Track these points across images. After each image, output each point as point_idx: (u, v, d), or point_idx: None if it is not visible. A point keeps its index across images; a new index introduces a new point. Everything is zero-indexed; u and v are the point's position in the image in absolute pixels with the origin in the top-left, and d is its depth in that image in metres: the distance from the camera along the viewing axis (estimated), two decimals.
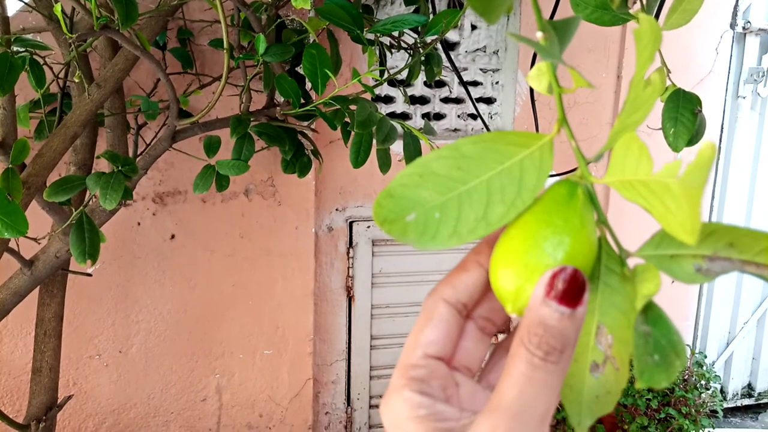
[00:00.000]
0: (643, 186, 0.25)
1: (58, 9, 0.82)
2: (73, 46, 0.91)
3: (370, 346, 1.66)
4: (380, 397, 1.71)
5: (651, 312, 0.24)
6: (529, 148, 0.27)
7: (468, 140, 0.27)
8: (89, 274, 1.06)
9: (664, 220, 0.24)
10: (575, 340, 0.25)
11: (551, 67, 0.26)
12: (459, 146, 0.27)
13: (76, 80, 0.95)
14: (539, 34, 0.27)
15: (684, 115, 0.83)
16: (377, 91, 1.56)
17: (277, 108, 1.06)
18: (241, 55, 0.98)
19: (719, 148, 1.96)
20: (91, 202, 0.96)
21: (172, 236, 1.38)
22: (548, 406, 0.25)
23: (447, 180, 0.27)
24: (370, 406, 1.71)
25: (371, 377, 1.69)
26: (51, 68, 1.00)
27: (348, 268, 1.60)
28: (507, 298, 0.27)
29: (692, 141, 0.83)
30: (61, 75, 1.00)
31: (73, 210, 0.91)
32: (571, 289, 0.25)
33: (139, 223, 1.34)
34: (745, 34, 1.90)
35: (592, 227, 0.27)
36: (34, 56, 0.95)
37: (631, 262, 0.30)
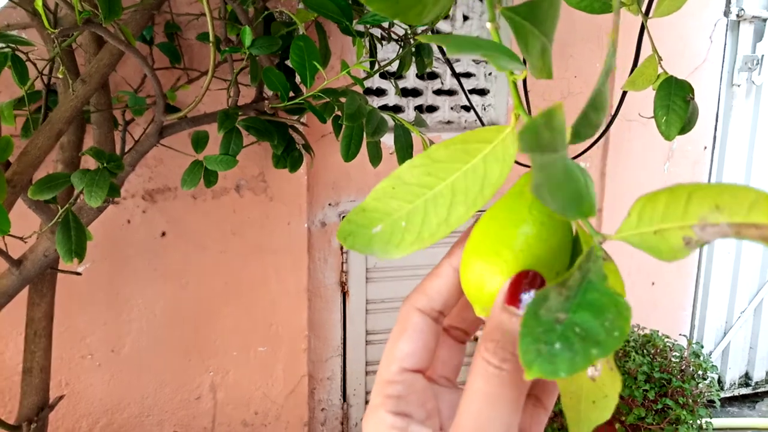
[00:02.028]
0: None
1: (39, 4, 0.80)
2: (56, 41, 0.90)
3: (366, 341, 1.66)
4: None
5: (586, 296, 0.21)
6: (492, 143, 0.26)
7: (441, 145, 0.27)
8: (79, 273, 1.05)
9: None
10: None
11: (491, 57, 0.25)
12: (431, 152, 0.27)
13: (60, 76, 0.94)
14: (488, 25, 0.26)
15: (676, 102, 0.82)
16: (369, 84, 1.55)
17: (266, 102, 1.05)
18: (227, 48, 0.97)
19: (714, 136, 1.95)
20: (78, 200, 0.95)
21: (163, 234, 1.36)
22: (508, 423, 0.23)
23: (416, 187, 0.27)
24: (366, 402, 1.70)
25: (367, 373, 1.68)
26: (35, 65, 0.98)
27: (342, 263, 1.59)
28: (474, 299, 0.26)
29: (685, 129, 0.82)
30: (46, 71, 0.99)
31: (60, 208, 0.89)
32: (528, 290, 0.23)
33: (128, 221, 1.33)
34: (739, 22, 1.89)
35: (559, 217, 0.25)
36: (17, 52, 0.93)
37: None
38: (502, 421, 0.23)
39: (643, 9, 0.81)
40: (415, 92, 1.61)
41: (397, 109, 1.59)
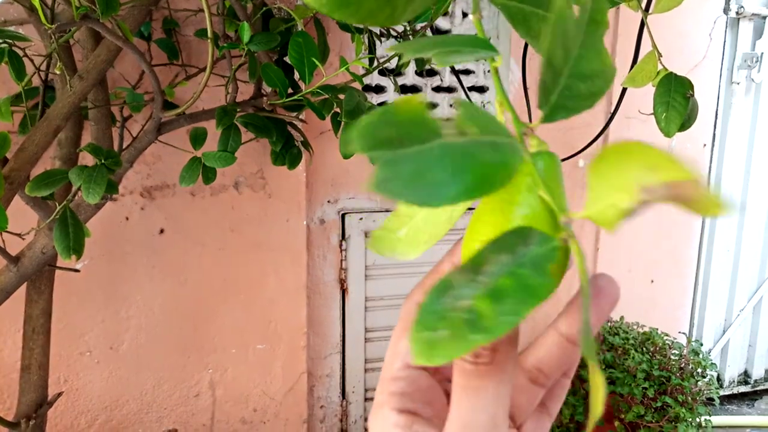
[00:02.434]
0: None
1: None
2: (53, 37, 0.90)
3: (365, 338, 1.66)
4: (375, 389, 1.70)
5: (498, 282, 0.21)
6: None
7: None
8: (77, 270, 1.04)
9: None
10: (509, 336, 0.23)
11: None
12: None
13: (58, 72, 0.93)
14: (471, 17, 0.26)
15: (676, 99, 0.82)
16: (368, 80, 1.54)
17: (264, 98, 1.05)
18: (225, 45, 0.97)
19: (713, 134, 1.95)
20: (76, 197, 0.95)
21: (161, 231, 1.36)
22: (492, 414, 0.23)
23: None
24: (366, 399, 1.70)
25: (366, 370, 1.68)
26: (32, 61, 0.98)
27: (341, 260, 1.59)
28: None
29: (684, 125, 0.82)
30: (43, 67, 0.99)
31: (57, 205, 0.89)
32: None
33: (127, 218, 1.33)
34: (738, 19, 1.89)
35: (533, 198, 0.25)
36: (14, 48, 0.93)
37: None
38: (486, 411, 0.23)
39: (643, 5, 0.81)
40: (414, 89, 1.61)
41: None
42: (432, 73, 1.61)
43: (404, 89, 1.60)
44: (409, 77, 1.60)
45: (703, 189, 0.19)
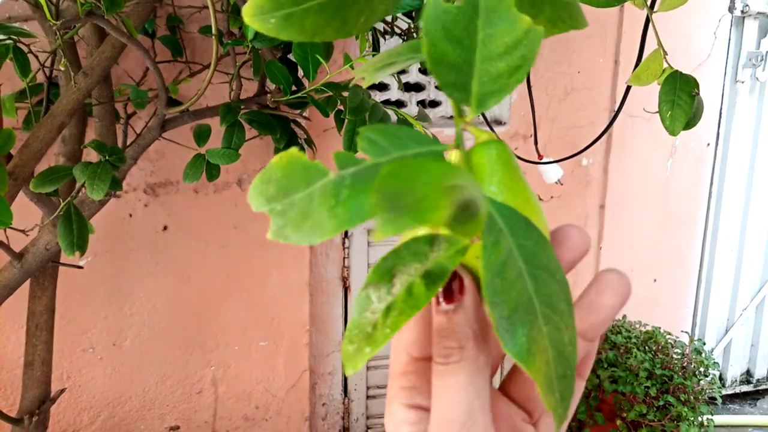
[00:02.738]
0: None
1: None
2: (58, 33, 0.89)
3: None
4: (377, 387, 1.71)
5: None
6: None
7: None
8: (80, 267, 1.05)
9: None
10: (476, 331, 0.24)
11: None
12: None
13: (62, 68, 0.93)
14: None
15: (681, 97, 0.82)
16: None
17: (268, 95, 1.05)
18: (229, 41, 0.97)
19: (717, 133, 1.94)
20: (80, 194, 0.95)
21: (165, 227, 1.36)
22: (467, 409, 0.23)
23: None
24: (368, 397, 1.70)
25: (368, 368, 1.68)
26: (37, 57, 0.98)
27: (344, 258, 1.59)
28: None
29: (690, 124, 0.82)
30: (48, 64, 0.99)
31: (61, 201, 0.89)
32: (448, 285, 0.24)
33: (130, 215, 1.33)
34: (743, 18, 1.88)
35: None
36: (18, 44, 0.93)
37: None
38: (462, 406, 0.23)
39: (648, 2, 0.80)
40: (418, 87, 1.60)
41: (399, 103, 1.59)
42: None
43: (408, 87, 1.59)
44: (413, 75, 1.59)
45: None
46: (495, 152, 0.24)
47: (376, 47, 1.10)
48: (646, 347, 1.61)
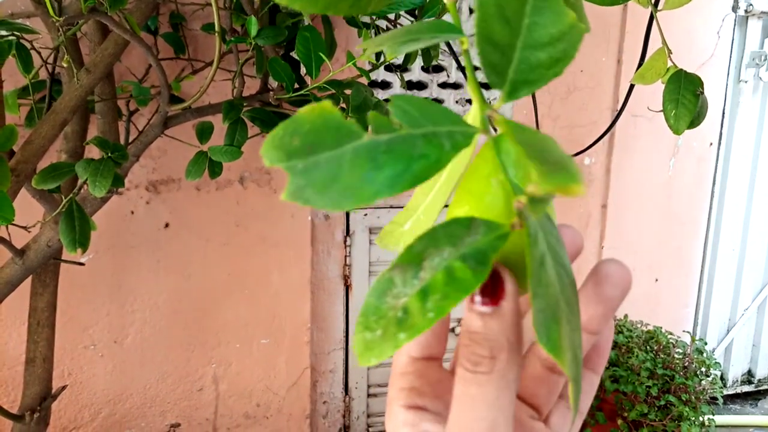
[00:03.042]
0: None
1: None
2: (61, 30, 0.89)
3: None
4: (378, 385, 1.70)
5: (435, 278, 0.20)
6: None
7: None
8: (82, 263, 1.04)
9: None
10: (512, 342, 0.22)
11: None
12: None
13: (65, 65, 0.93)
14: (446, 0, 0.25)
15: (685, 96, 0.81)
16: (374, 76, 1.54)
17: (271, 93, 1.04)
18: (232, 39, 0.96)
19: (720, 133, 1.94)
20: (82, 190, 0.95)
21: (167, 225, 1.36)
22: (490, 425, 0.22)
23: (427, 183, 0.27)
24: (369, 395, 1.70)
25: (369, 366, 1.68)
26: (39, 53, 0.98)
27: (345, 256, 1.58)
28: None
29: (694, 123, 0.81)
30: (50, 60, 0.98)
31: (63, 198, 0.89)
32: (487, 284, 0.22)
33: (132, 212, 1.33)
34: (747, 17, 1.88)
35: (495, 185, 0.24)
36: (21, 41, 0.93)
37: None
38: (485, 420, 0.22)
39: (653, 1, 0.80)
40: (420, 85, 1.60)
41: None
42: (438, 69, 1.60)
43: (410, 85, 1.59)
44: (416, 73, 1.59)
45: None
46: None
47: None
48: (648, 347, 1.61)
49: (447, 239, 0.20)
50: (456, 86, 1.63)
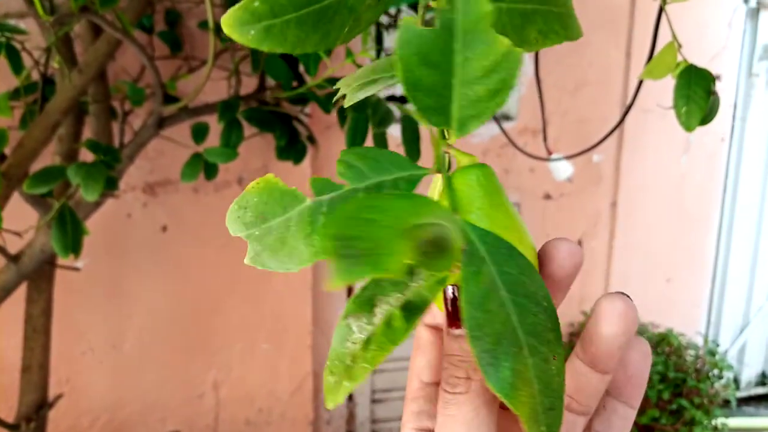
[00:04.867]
0: None
1: None
2: (52, 30, 0.87)
3: None
4: (383, 391, 1.68)
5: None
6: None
7: None
8: (77, 269, 1.03)
9: None
10: None
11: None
12: None
13: (56, 65, 0.91)
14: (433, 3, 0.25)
15: (696, 92, 0.78)
16: None
17: (268, 92, 1.02)
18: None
19: (732, 128, 1.90)
20: (77, 194, 0.93)
21: (164, 228, 1.34)
22: None
23: None
24: (372, 401, 1.68)
25: (373, 371, 1.65)
26: (31, 54, 0.96)
27: None
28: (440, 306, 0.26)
29: (706, 119, 0.78)
30: (42, 61, 0.97)
31: (57, 202, 0.87)
32: (456, 308, 0.23)
33: (129, 215, 1.31)
34: (758, 9, 1.83)
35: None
36: (12, 41, 0.91)
37: None
38: None
39: None
40: None
41: (404, 99, 1.55)
42: None
43: None
44: None
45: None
46: (476, 178, 0.24)
47: (379, 40, 1.07)
48: (659, 349, 1.57)
49: (393, 286, 0.21)
50: None
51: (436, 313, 0.28)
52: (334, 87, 0.25)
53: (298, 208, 0.21)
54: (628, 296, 0.24)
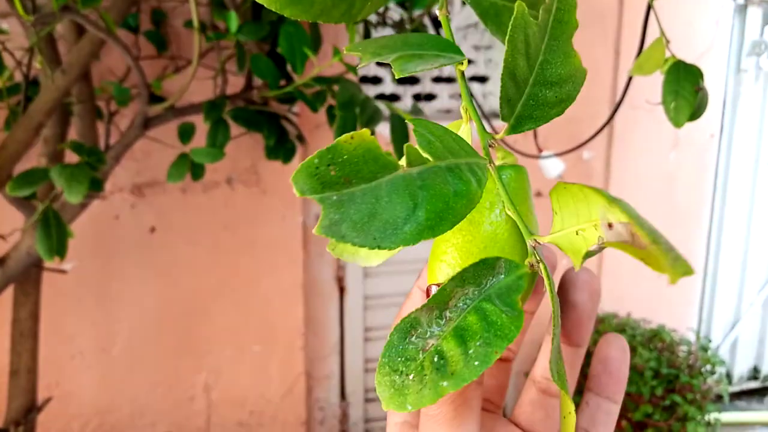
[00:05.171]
0: None
1: None
2: (34, 29, 0.86)
3: (364, 338, 1.62)
4: (376, 391, 1.67)
5: (466, 319, 0.20)
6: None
7: None
8: (64, 271, 1.01)
9: None
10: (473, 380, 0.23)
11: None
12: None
13: (39, 66, 0.90)
14: (438, 12, 0.26)
15: (685, 88, 0.78)
16: (364, 71, 1.50)
17: (254, 91, 1.01)
18: (212, 35, 0.93)
19: (721, 124, 1.90)
20: (62, 197, 0.92)
21: (152, 229, 1.33)
22: None
23: None
24: (366, 401, 1.67)
25: (366, 370, 1.64)
26: (13, 55, 0.94)
27: (338, 258, 1.55)
28: None
29: (694, 115, 0.78)
30: (25, 61, 0.95)
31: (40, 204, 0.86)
32: None
33: (117, 217, 1.29)
34: (746, 5, 1.84)
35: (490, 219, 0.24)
36: None
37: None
38: None
39: None
40: (413, 80, 1.56)
41: (393, 97, 1.55)
42: None
43: (403, 80, 1.55)
44: None
45: (662, 246, 0.19)
46: (507, 178, 0.25)
47: (367, 38, 1.06)
48: (651, 345, 1.57)
49: (473, 279, 0.21)
50: (450, 80, 1.59)
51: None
52: (347, 51, 0.24)
53: (388, 177, 0.18)
54: (590, 270, 0.25)
